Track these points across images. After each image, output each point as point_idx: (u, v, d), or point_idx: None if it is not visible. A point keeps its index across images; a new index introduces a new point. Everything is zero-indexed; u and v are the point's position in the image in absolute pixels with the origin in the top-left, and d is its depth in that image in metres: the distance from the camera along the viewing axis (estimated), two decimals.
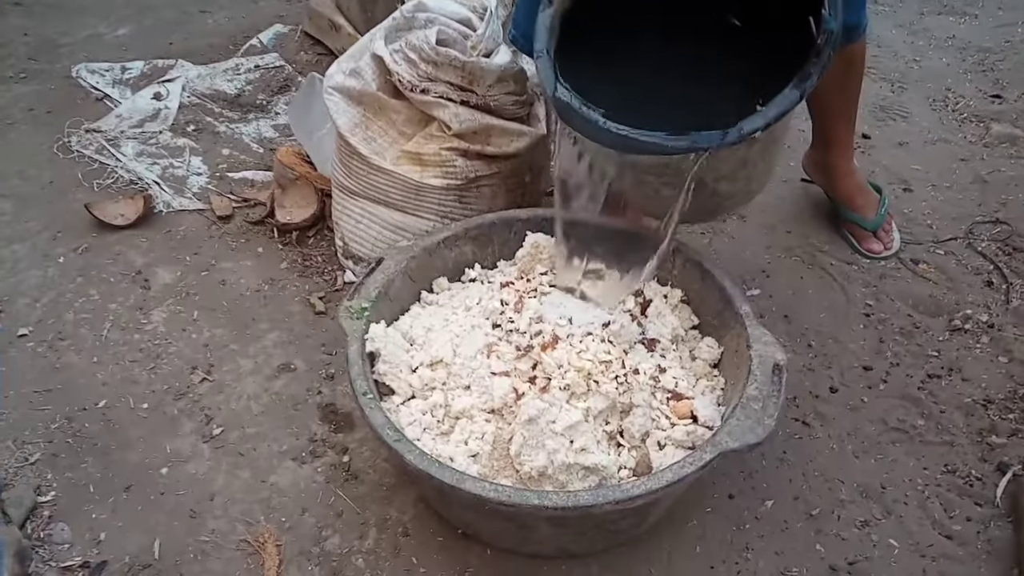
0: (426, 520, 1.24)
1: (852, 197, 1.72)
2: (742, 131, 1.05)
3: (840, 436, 1.36)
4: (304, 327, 1.57)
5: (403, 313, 1.34)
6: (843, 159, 1.69)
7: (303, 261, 1.72)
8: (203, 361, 1.50)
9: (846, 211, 1.73)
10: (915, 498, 1.27)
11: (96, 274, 1.69)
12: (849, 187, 1.71)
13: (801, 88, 1.06)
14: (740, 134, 1.05)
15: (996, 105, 2.23)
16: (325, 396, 1.44)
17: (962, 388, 1.44)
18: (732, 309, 1.25)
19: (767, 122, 1.05)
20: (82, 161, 2.00)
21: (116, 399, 1.43)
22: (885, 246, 1.71)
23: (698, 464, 1.02)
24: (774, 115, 1.05)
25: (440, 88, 1.43)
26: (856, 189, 1.72)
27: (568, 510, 0.99)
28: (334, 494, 1.28)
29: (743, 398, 1.10)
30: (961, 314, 1.57)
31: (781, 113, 1.06)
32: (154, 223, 1.82)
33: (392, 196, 1.51)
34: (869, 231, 1.71)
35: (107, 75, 2.35)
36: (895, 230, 1.75)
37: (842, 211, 1.74)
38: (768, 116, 1.05)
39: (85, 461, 1.33)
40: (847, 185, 1.71)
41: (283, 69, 2.36)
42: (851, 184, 1.71)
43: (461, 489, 1.01)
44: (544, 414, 1.09)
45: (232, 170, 1.99)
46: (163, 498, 1.28)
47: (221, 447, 1.35)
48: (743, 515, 1.25)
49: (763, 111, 1.05)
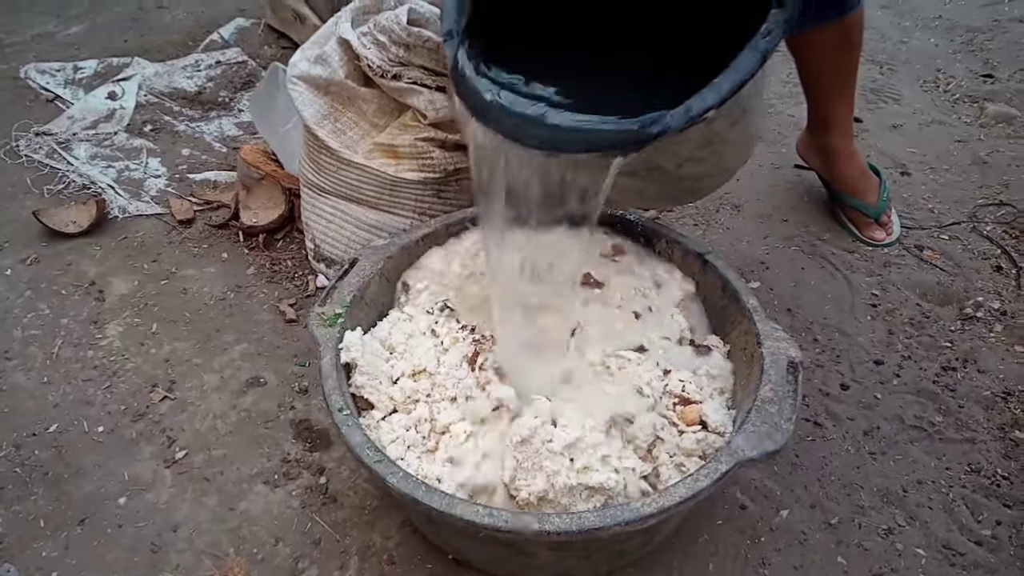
0: (413, 546, 1.13)
1: (853, 182, 1.62)
2: (690, 112, 0.87)
3: (855, 436, 1.27)
4: (274, 337, 1.46)
5: (381, 319, 1.22)
6: (843, 141, 1.59)
7: (271, 266, 1.60)
8: (164, 378, 1.38)
9: (847, 197, 1.64)
10: (939, 501, 1.18)
11: (46, 286, 1.56)
12: (851, 171, 1.62)
13: (761, 49, 0.88)
14: (688, 115, 0.87)
15: (988, 85, 2.16)
16: (298, 412, 1.32)
17: (979, 380, 1.35)
18: (739, 304, 1.15)
19: (721, 97, 0.87)
20: (31, 166, 1.88)
21: (68, 423, 1.31)
22: (887, 233, 1.63)
23: (713, 477, 0.92)
24: (729, 88, 0.87)
25: (413, 73, 1.32)
26: (858, 173, 1.62)
27: (572, 534, 0.89)
28: (311, 520, 1.17)
29: (757, 400, 1.01)
30: (972, 302, 1.49)
31: (738, 84, 0.87)
32: (109, 230, 1.69)
33: (365, 192, 1.40)
34: (871, 218, 1.62)
35: (58, 75, 2.23)
36: (895, 215, 1.66)
37: (842, 197, 1.65)
38: (722, 90, 0.87)
39: (35, 493, 1.21)
40: (848, 169, 1.62)
41: (246, 64, 2.24)
42: (852, 168, 1.62)
43: (452, 514, 0.90)
44: (538, 433, 0.98)
45: (193, 171, 1.86)
46: (121, 531, 1.16)
47: (185, 472, 1.24)
48: (757, 526, 1.15)
49: (716, 84, 0.88)
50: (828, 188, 1.69)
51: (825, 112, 1.57)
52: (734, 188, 1.77)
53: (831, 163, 1.63)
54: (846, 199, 1.64)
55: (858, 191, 1.62)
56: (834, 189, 1.66)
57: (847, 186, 1.63)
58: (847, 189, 1.64)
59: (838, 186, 1.65)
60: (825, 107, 1.56)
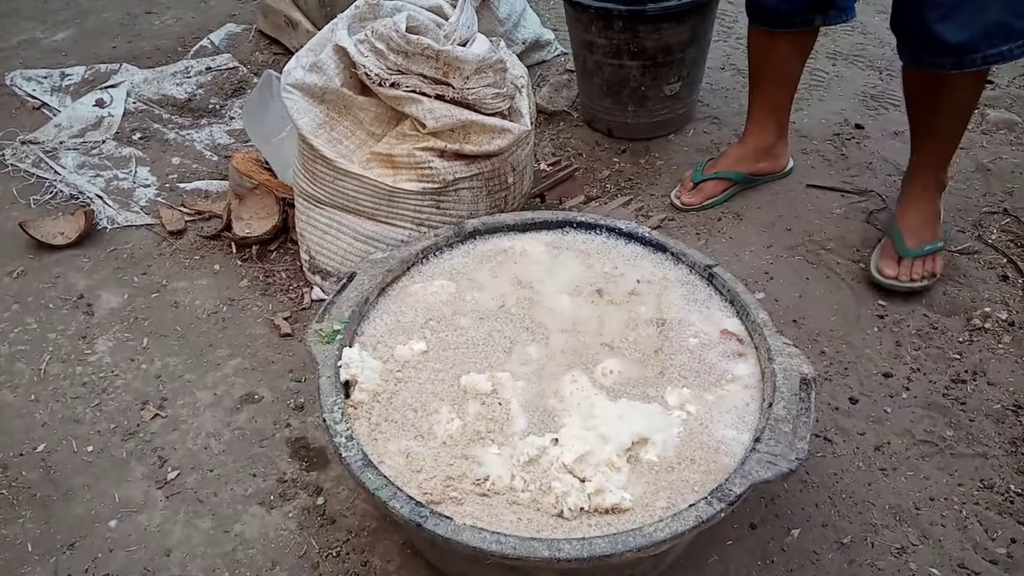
0: (415, 569, 1.10)
1: (907, 215, 1.54)
2: None
3: (866, 452, 1.24)
4: (268, 352, 1.42)
5: None
6: (924, 184, 1.53)
7: (265, 278, 1.56)
8: (155, 395, 1.34)
9: (894, 223, 1.55)
10: (952, 519, 1.16)
11: (33, 300, 1.52)
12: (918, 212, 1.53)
13: None
14: None
15: (988, 91, 2.14)
16: (294, 429, 1.29)
17: (989, 393, 1.33)
18: (749, 318, 1.12)
19: None
20: (17, 176, 1.84)
21: (57, 442, 1.27)
22: (899, 277, 1.49)
23: (727, 500, 0.90)
24: None
25: (412, 81, 1.29)
26: (920, 216, 1.53)
27: (583, 561, 0.85)
28: (308, 543, 1.13)
29: (770, 419, 0.98)
30: (979, 312, 1.47)
31: None
32: (97, 241, 1.65)
33: (362, 203, 1.36)
34: (898, 255, 1.50)
35: (45, 82, 2.18)
36: (931, 271, 1.51)
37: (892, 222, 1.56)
38: None
39: (22, 515, 1.17)
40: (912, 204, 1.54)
41: (237, 71, 2.20)
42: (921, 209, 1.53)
43: (458, 541, 0.87)
44: (546, 453, 0.95)
45: (183, 180, 1.82)
46: (112, 556, 1.12)
47: (178, 493, 1.20)
48: (768, 547, 1.13)
49: None
50: None
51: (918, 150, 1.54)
52: (735, 198, 1.75)
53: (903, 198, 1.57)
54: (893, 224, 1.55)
55: (907, 225, 1.52)
56: None
57: (900, 215, 1.55)
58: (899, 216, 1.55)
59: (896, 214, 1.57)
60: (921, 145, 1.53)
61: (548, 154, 1.92)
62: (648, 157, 1.91)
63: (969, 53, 1.30)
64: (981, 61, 1.31)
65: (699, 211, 1.71)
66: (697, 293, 1.21)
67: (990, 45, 1.29)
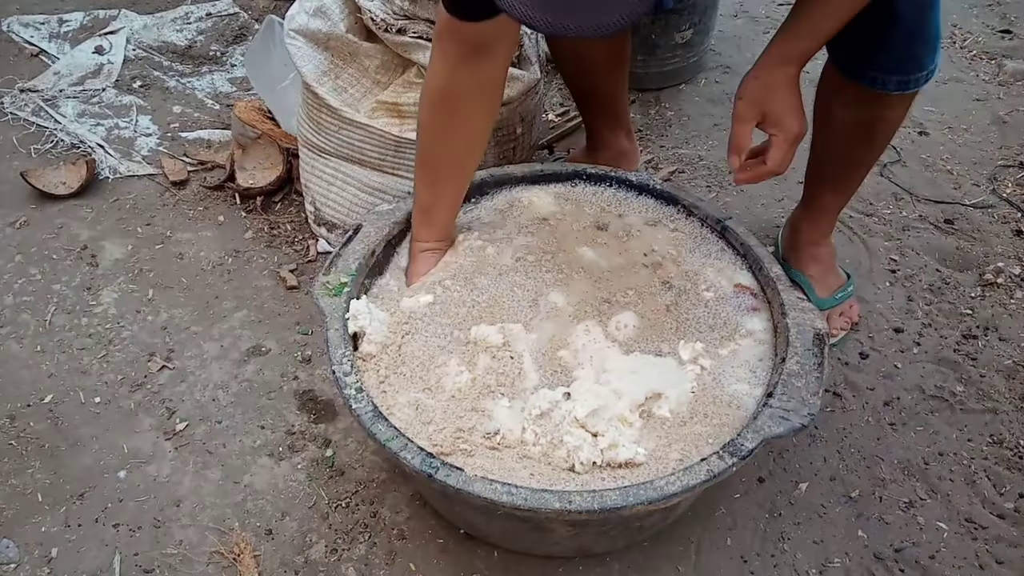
0: (424, 520, 1.10)
1: (808, 266, 1.38)
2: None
3: (875, 407, 1.24)
4: (275, 304, 1.41)
5: None
6: (816, 231, 1.36)
7: (270, 230, 1.55)
8: (161, 346, 1.34)
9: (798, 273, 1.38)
10: (961, 473, 1.16)
11: (37, 251, 1.51)
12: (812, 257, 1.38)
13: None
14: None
15: (1006, 41, 2.10)
16: (302, 382, 1.28)
17: (1000, 349, 1.32)
18: (762, 272, 1.11)
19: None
20: (16, 124, 1.81)
21: (64, 393, 1.27)
22: None
23: (739, 455, 0.89)
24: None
25: (419, 27, 1.26)
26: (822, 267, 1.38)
27: (594, 513, 0.85)
28: (317, 494, 1.13)
29: (783, 375, 0.97)
30: (992, 267, 1.45)
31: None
32: (100, 191, 1.63)
33: (368, 153, 1.34)
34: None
35: (42, 28, 2.13)
36: (849, 321, 1.35)
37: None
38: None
39: (31, 466, 1.18)
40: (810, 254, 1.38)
41: (238, 16, 2.15)
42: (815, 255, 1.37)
43: (469, 492, 0.87)
44: (558, 407, 0.95)
45: (185, 130, 1.80)
46: (122, 506, 1.13)
47: (186, 444, 1.20)
48: (776, 500, 1.13)
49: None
50: None
51: (813, 191, 1.34)
52: None
53: (795, 242, 1.40)
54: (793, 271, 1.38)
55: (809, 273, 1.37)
56: None
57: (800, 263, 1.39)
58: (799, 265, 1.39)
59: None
60: (815, 186, 1.34)
61: (556, 104, 1.89)
62: (658, 108, 1.88)
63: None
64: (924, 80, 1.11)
65: None
66: (710, 246, 1.19)
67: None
